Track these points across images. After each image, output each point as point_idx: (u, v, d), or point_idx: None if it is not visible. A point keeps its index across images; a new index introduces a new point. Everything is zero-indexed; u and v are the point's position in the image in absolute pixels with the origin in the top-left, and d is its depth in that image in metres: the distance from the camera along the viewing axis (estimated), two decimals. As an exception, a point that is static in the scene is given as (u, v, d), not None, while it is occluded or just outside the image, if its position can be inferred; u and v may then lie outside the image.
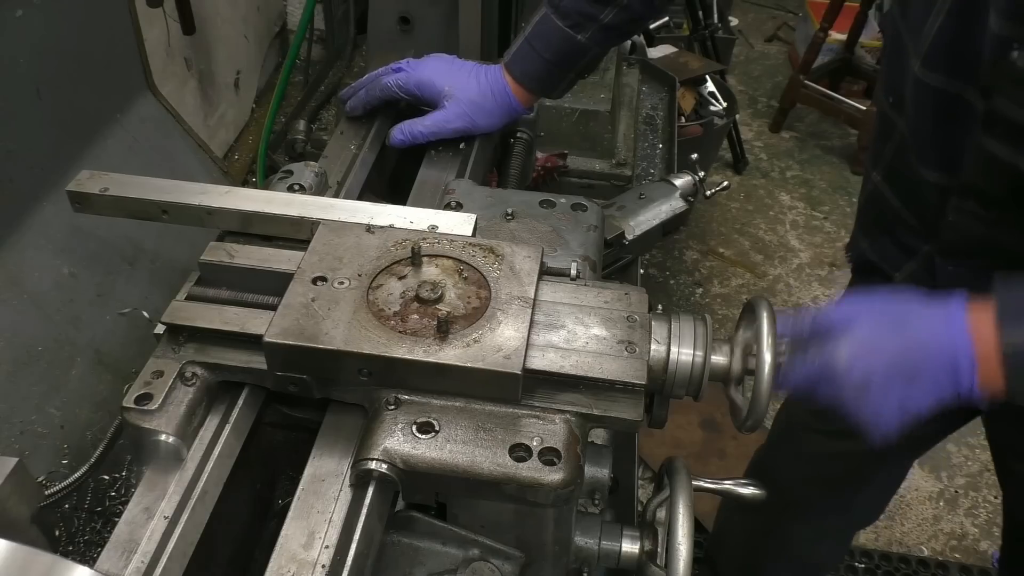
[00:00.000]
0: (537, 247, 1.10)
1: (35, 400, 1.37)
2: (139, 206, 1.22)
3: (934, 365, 1.00)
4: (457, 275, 1.06)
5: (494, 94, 1.47)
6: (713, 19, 4.09)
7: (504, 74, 1.48)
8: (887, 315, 1.04)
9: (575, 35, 1.44)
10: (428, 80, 1.47)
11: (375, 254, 1.08)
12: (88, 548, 1.34)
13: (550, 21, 1.45)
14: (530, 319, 1.00)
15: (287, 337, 0.96)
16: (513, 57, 1.49)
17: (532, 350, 0.97)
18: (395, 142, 1.49)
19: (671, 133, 2.68)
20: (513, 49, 1.50)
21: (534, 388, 0.97)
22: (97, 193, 1.22)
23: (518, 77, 1.47)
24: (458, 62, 1.51)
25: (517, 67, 1.47)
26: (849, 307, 1.08)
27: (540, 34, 1.46)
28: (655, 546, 1.07)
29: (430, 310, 1.01)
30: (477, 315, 1.00)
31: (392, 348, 0.95)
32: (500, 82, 1.47)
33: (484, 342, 0.96)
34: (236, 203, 1.20)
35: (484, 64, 1.51)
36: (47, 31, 1.47)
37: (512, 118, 1.54)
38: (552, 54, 1.46)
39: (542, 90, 1.52)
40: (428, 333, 0.98)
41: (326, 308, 0.99)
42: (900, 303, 1.05)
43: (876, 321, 1.04)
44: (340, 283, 1.03)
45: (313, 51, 3.80)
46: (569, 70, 1.51)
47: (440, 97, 1.47)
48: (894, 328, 1.02)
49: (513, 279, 1.05)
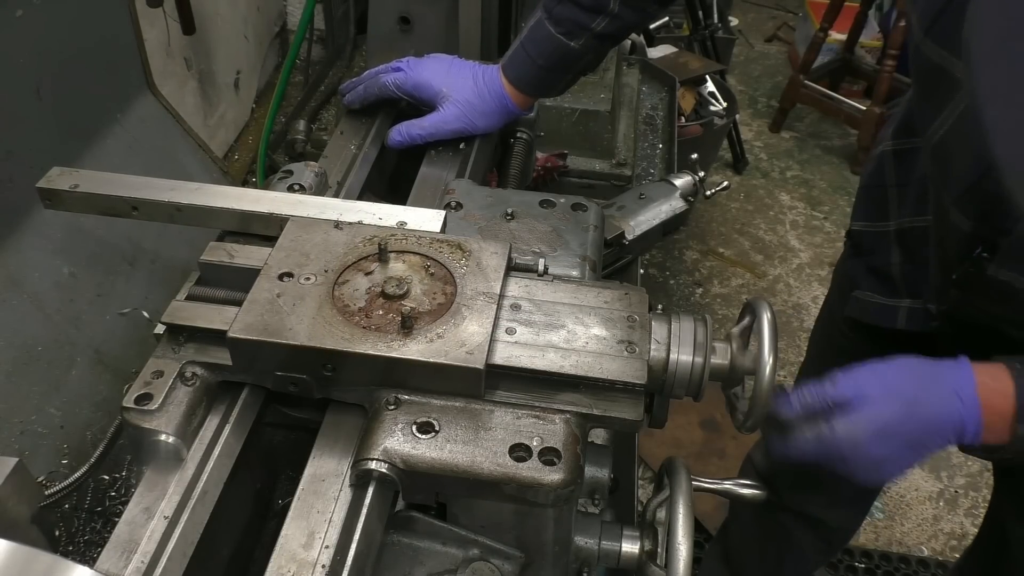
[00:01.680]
0: (504, 243, 1.10)
1: (35, 400, 1.37)
2: (108, 203, 1.21)
3: (942, 438, 1.05)
4: (424, 271, 1.06)
5: (491, 96, 1.47)
6: (713, 19, 4.09)
7: (500, 76, 1.48)
8: (900, 396, 1.06)
9: (568, 42, 1.43)
10: (426, 82, 1.47)
11: (342, 250, 1.08)
12: (88, 548, 1.34)
13: (544, 27, 1.44)
14: (496, 314, 1.00)
15: (250, 332, 0.96)
16: (509, 60, 1.49)
17: (498, 345, 0.98)
18: (393, 143, 1.49)
19: (671, 133, 2.68)
20: (510, 52, 1.50)
21: (534, 388, 0.97)
22: (67, 190, 1.21)
23: (513, 80, 1.48)
24: (457, 63, 1.51)
25: (512, 71, 1.48)
26: (860, 382, 1.08)
27: (534, 39, 1.46)
28: (655, 546, 1.07)
29: (395, 306, 1.01)
30: (442, 311, 1.01)
31: (355, 343, 0.95)
32: (496, 83, 1.47)
33: (447, 337, 0.96)
34: (206, 200, 1.20)
35: (483, 64, 1.51)
36: (47, 31, 1.47)
37: (510, 119, 1.54)
38: (545, 59, 1.45)
39: (537, 93, 1.52)
40: (392, 328, 0.98)
41: (291, 304, 0.99)
42: (911, 378, 1.07)
43: (890, 402, 1.05)
44: (306, 279, 1.03)
45: (313, 51, 3.79)
46: (565, 74, 1.51)
47: (438, 98, 1.47)
48: (907, 409, 1.05)
49: (479, 275, 1.05)
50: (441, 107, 1.47)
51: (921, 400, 1.05)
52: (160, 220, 1.22)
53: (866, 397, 1.06)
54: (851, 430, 1.05)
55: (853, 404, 1.05)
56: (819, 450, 1.06)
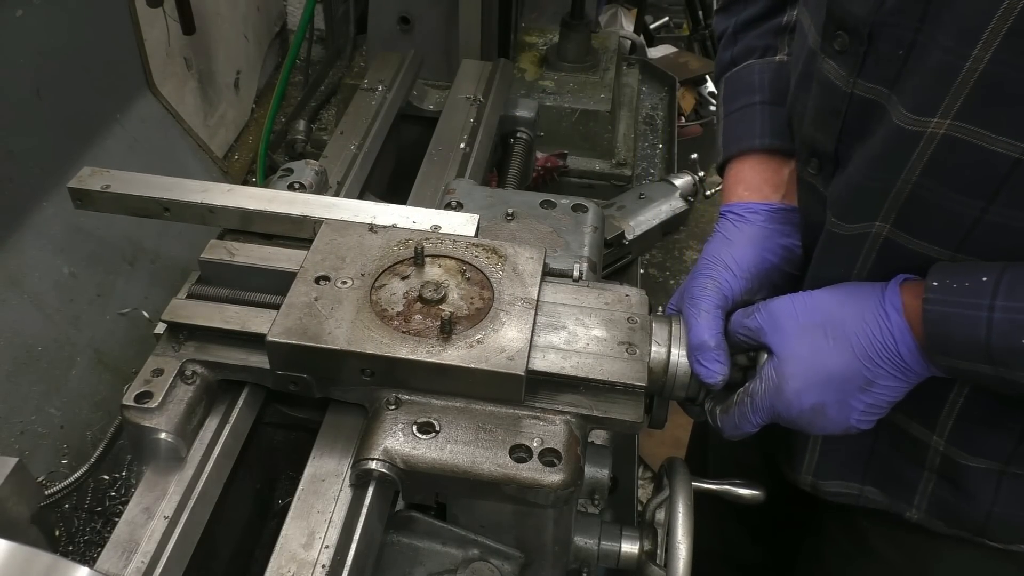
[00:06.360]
0: (540, 248, 1.10)
1: (35, 400, 1.37)
2: (140, 203, 1.22)
3: (878, 367, 0.94)
4: (460, 276, 1.06)
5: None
6: (713, 19, 4.09)
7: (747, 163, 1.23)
8: (818, 325, 0.97)
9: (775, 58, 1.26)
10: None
11: (378, 254, 1.08)
12: (88, 548, 1.34)
13: (749, 69, 1.26)
14: (533, 320, 1.00)
15: (290, 336, 0.96)
16: (744, 136, 1.23)
17: (534, 351, 0.97)
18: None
19: (671, 133, 2.69)
20: (730, 135, 1.25)
21: (536, 389, 0.97)
22: (98, 190, 1.22)
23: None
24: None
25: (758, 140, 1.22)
26: (777, 314, 1.00)
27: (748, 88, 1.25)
28: (655, 546, 1.07)
29: (433, 310, 1.01)
30: (480, 316, 1.00)
31: (395, 348, 0.95)
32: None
33: (487, 343, 0.96)
34: (239, 201, 1.20)
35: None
36: (47, 31, 1.47)
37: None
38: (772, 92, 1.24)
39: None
40: (431, 334, 0.97)
41: (329, 308, 0.99)
42: (824, 302, 0.99)
43: (808, 334, 0.97)
44: (343, 283, 1.03)
45: (313, 51, 3.79)
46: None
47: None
48: (829, 338, 0.95)
49: (516, 280, 1.05)
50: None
51: (843, 323, 0.95)
52: (191, 221, 1.22)
53: (780, 329, 0.98)
54: (771, 378, 0.97)
55: (771, 345, 0.99)
56: (759, 417, 0.99)
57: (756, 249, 1.12)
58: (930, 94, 0.85)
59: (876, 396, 0.96)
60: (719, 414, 1.05)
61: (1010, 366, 0.87)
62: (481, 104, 1.68)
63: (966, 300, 0.87)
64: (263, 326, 0.98)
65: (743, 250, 1.12)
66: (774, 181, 1.19)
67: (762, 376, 0.99)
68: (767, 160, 1.21)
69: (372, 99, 1.66)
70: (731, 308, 1.07)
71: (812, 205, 1.09)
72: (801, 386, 0.96)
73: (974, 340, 0.86)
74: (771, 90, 1.23)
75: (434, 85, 1.88)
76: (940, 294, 0.89)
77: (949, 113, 0.84)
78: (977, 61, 0.79)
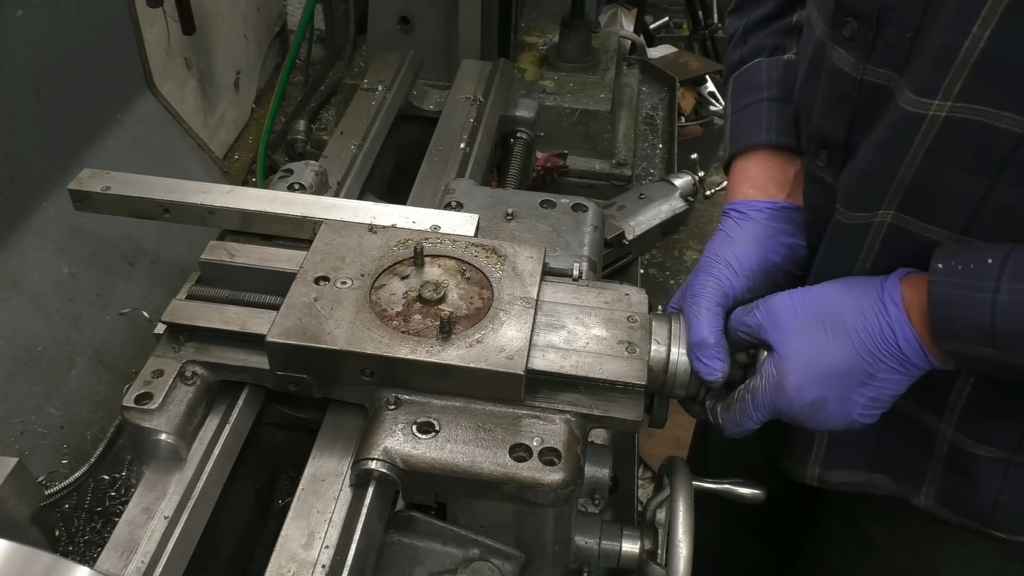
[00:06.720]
0: (540, 247, 1.10)
1: (35, 400, 1.37)
2: (141, 205, 1.22)
3: (879, 361, 0.94)
4: (460, 275, 1.06)
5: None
6: (713, 19, 4.10)
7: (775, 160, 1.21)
8: (817, 320, 0.97)
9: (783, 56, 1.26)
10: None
11: (377, 254, 1.08)
12: (88, 548, 1.34)
13: (758, 67, 1.26)
14: (533, 320, 1.00)
15: (290, 337, 0.96)
16: (751, 131, 1.23)
17: (534, 350, 0.97)
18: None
19: (671, 133, 2.68)
20: (737, 135, 1.25)
21: (535, 388, 0.97)
22: (99, 192, 1.22)
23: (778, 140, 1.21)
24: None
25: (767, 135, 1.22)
26: (771, 312, 1.00)
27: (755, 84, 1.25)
28: (655, 546, 1.07)
29: (433, 310, 1.01)
30: (480, 315, 1.00)
31: (395, 348, 0.95)
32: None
33: (487, 342, 0.96)
34: (238, 202, 1.20)
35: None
36: (47, 31, 1.47)
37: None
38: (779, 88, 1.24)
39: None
40: (431, 333, 0.98)
41: (329, 308, 0.99)
42: (823, 297, 0.99)
43: (808, 330, 0.96)
44: (343, 283, 1.03)
45: (313, 51, 3.79)
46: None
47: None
48: (829, 333, 0.95)
49: (515, 279, 1.05)
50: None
51: (842, 316, 0.95)
52: (191, 223, 1.22)
53: (781, 329, 0.98)
54: (778, 373, 0.97)
55: (771, 341, 0.98)
56: (760, 415, 0.99)
57: (758, 247, 1.12)
58: (933, 74, 0.85)
59: (877, 390, 0.96)
60: (720, 412, 1.05)
61: (1013, 349, 0.87)
62: (481, 104, 1.68)
63: (971, 282, 0.87)
64: (263, 327, 0.98)
65: (745, 248, 1.12)
66: (780, 179, 1.19)
67: (762, 373, 0.99)
68: (774, 158, 1.21)
69: (372, 99, 1.66)
70: (732, 306, 1.07)
71: (820, 200, 1.08)
72: (801, 381, 0.96)
73: (979, 322, 0.86)
74: (779, 88, 1.23)
75: (434, 85, 1.88)
76: (945, 276, 0.89)
77: (951, 93, 0.84)
78: (976, 39, 0.80)
